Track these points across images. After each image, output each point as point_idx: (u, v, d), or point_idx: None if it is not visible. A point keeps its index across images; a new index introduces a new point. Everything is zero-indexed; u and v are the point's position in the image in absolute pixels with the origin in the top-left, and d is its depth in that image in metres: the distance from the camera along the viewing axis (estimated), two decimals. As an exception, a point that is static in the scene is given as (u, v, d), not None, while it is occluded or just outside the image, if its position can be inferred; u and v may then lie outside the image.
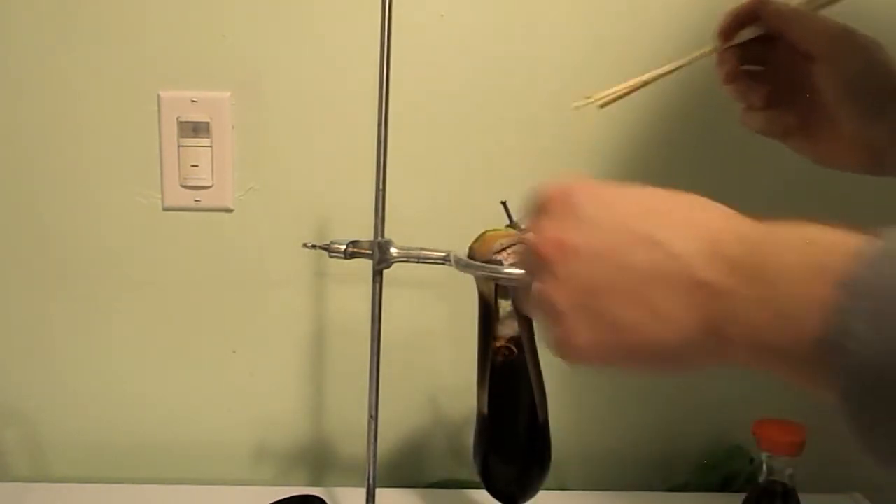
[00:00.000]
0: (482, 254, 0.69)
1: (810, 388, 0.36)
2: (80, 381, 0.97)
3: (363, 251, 0.75)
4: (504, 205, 0.71)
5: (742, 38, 0.67)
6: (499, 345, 0.70)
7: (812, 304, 0.33)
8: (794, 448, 0.72)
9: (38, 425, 0.99)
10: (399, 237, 0.75)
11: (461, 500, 0.94)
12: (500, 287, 0.70)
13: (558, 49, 0.91)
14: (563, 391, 0.97)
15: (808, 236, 0.36)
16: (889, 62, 0.63)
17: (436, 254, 0.73)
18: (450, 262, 0.71)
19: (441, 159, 0.93)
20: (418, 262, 0.75)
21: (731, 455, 0.97)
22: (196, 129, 0.91)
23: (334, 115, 0.91)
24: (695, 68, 0.92)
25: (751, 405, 0.84)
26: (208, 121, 0.91)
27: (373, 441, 0.79)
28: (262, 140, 0.92)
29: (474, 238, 0.71)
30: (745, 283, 0.37)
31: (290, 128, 0.92)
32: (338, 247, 0.75)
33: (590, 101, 0.67)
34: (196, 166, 0.92)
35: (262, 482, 0.98)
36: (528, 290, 0.46)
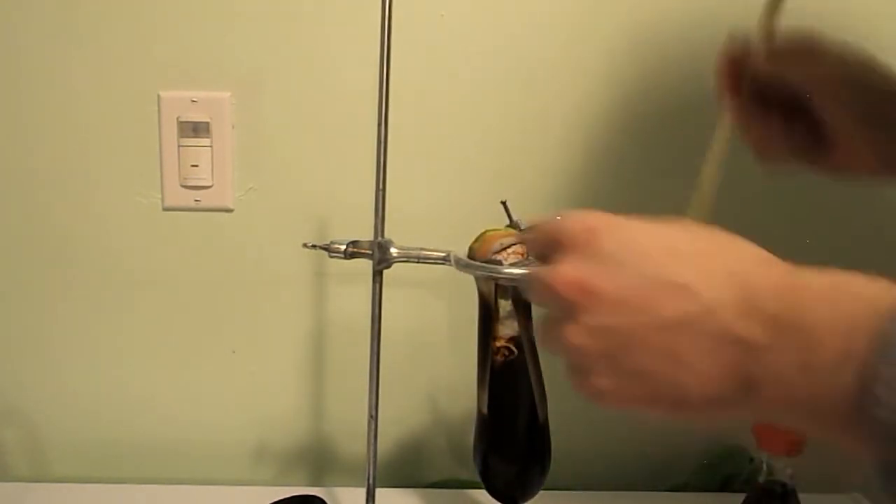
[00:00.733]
0: (482, 254, 0.69)
1: (845, 447, 0.35)
2: (80, 381, 0.97)
3: (363, 251, 0.75)
4: (504, 205, 0.71)
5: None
6: (499, 345, 0.70)
7: (846, 362, 0.33)
8: (794, 448, 0.72)
9: (38, 425, 0.99)
10: (399, 237, 0.75)
11: (461, 500, 0.94)
12: (500, 287, 0.70)
13: (559, 49, 0.91)
14: (563, 391, 0.97)
15: (842, 288, 0.35)
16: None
17: (436, 254, 0.73)
18: (450, 262, 0.71)
19: (441, 159, 0.93)
20: (418, 262, 0.75)
21: (731, 455, 0.97)
22: (196, 129, 0.91)
23: (334, 115, 0.91)
24: (696, 70, 0.92)
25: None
26: (208, 121, 0.91)
27: (373, 441, 0.79)
28: (262, 140, 0.92)
29: (474, 238, 0.71)
30: (780, 338, 0.36)
31: (290, 128, 0.92)
32: (338, 247, 0.75)
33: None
34: (196, 166, 0.92)
35: (262, 482, 0.98)
36: (549, 326, 0.44)
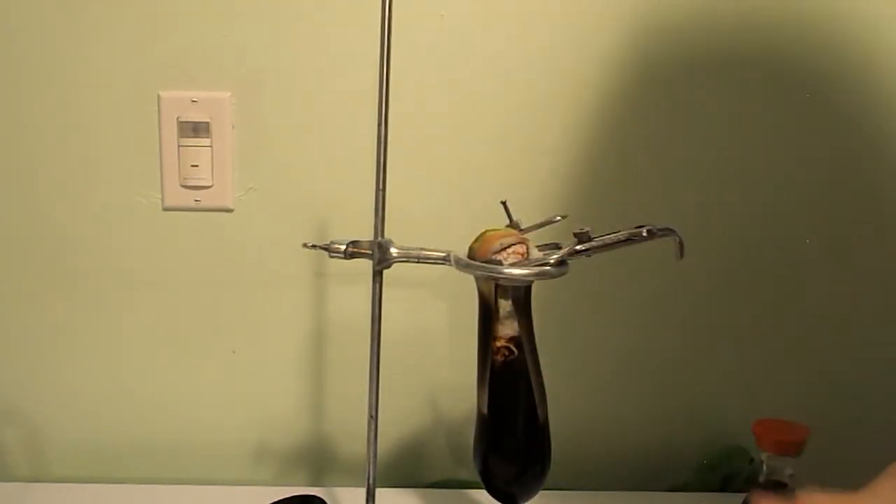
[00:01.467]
0: (482, 254, 0.69)
1: None
2: (80, 381, 0.97)
3: (363, 251, 0.75)
4: (504, 205, 0.71)
5: None
6: (499, 345, 0.70)
7: None
8: (794, 448, 0.72)
9: (38, 425, 0.99)
10: (399, 237, 0.75)
11: (461, 500, 0.94)
12: (500, 287, 0.70)
13: (559, 49, 0.91)
14: (563, 391, 0.97)
15: None
16: None
17: (436, 254, 0.73)
18: (450, 262, 0.71)
19: (441, 159, 0.93)
20: (418, 262, 0.75)
21: (731, 455, 0.97)
22: (196, 129, 0.91)
23: (334, 114, 0.91)
24: (696, 70, 0.92)
25: (751, 405, 0.84)
26: (208, 121, 0.91)
27: (373, 441, 0.79)
28: (262, 140, 0.92)
29: (474, 238, 0.71)
30: None
31: (290, 128, 0.92)
32: (338, 247, 0.75)
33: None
34: (196, 166, 0.92)
35: (262, 482, 0.98)
36: None
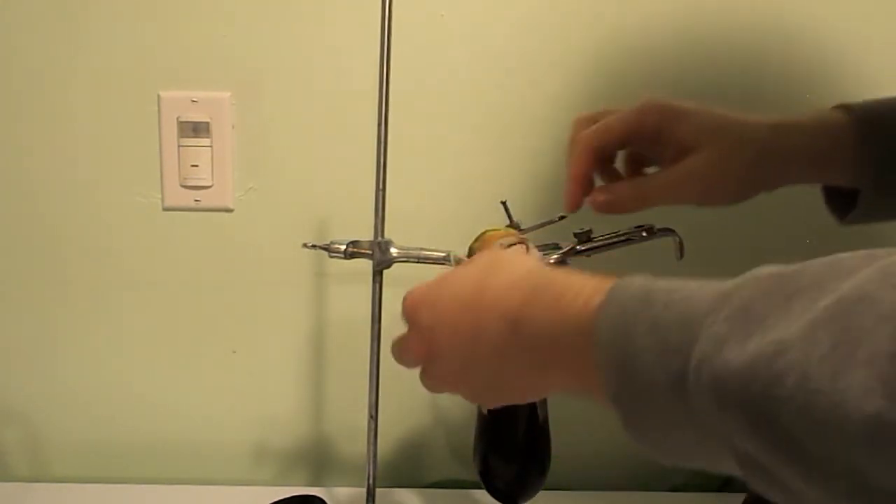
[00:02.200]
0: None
1: (589, 390, 0.47)
2: (80, 381, 0.97)
3: (363, 251, 0.75)
4: (504, 205, 0.71)
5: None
6: None
7: (587, 308, 0.45)
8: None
9: (38, 425, 0.99)
10: (399, 237, 0.75)
11: (461, 500, 0.94)
12: (500, 287, 0.70)
13: (559, 49, 0.91)
14: (562, 393, 0.97)
15: (582, 279, 0.47)
16: (781, 147, 0.65)
17: (436, 254, 0.73)
18: (450, 262, 0.71)
19: (441, 159, 0.93)
20: (418, 262, 0.74)
21: (731, 455, 0.97)
22: (196, 129, 0.91)
23: (334, 114, 0.91)
24: (697, 71, 0.92)
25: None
26: (208, 121, 0.91)
27: (373, 441, 0.79)
28: (262, 140, 0.92)
29: (474, 238, 0.71)
30: (534, 295, 0.50)
31: (290, 128, 0.92)
32: (338, 247, 0.75)
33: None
34: (196, 166, 0.92)
35: (262, 482, 0.98)
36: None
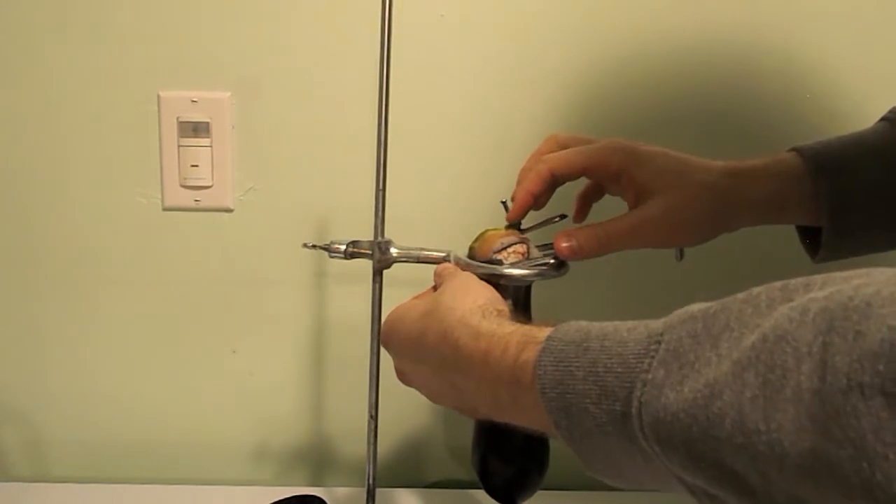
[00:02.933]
0: (482, 254, 0.69)
1: (536, 423, 0.48)
2: (80, 381, 0.97)
3: (363, 251, 0.75)
4: (504, 204, 0.71)
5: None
6: None
7: (519, 361, 0.48)
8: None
9: (38, 425, 0.99)
10: (399, 237, 0.75)
11: (461, 500, 0.94)
12: (501, 287, 0.70)
13: (558, 49, 0.91)
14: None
15: (508, 330, 0.51)
16: (738, 194, 0.66)
17: (436, 254, 0.73)
18: (450, 261, 0.71)
19: (441, 159, 0.93)
20: (418, 262, 0.74)
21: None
22: (196, 129, 0.91)
23: (334, 115, 0.92)
24: (699, 73, 0.93)
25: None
26: (208, 121, 0.91)
27: (373, 441, 0.79)
28: (262, 140, 0.92)
29: (474, 238, 0.71)
30: (465, 354, 0.53)
31: (290, 128, 0.92)
32: (338, 247, 0.75)
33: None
34: (196, 166, 0.92)
35: (262, 482, 0.98)
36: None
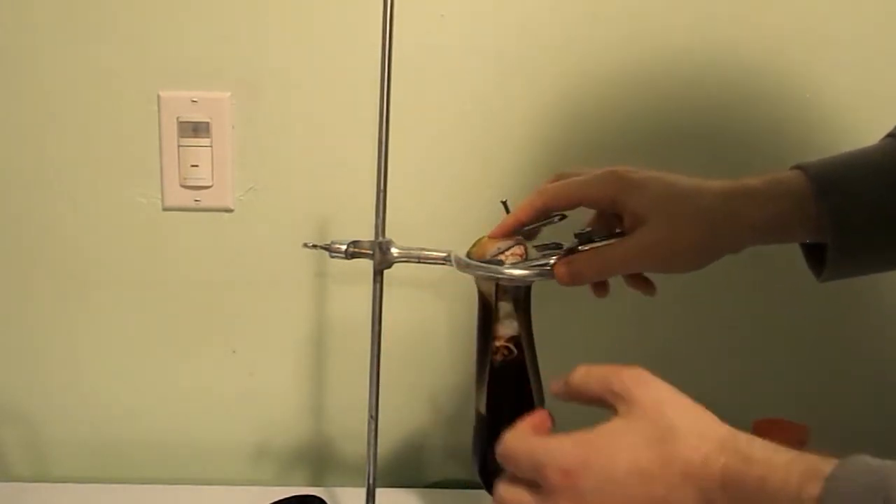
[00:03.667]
0: (479, 258, 0.69)
1: None
2: (80, 381, 0.97)
3: (364, 251, 0.75)
4: (504, 204, 0.71)
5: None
6: (498, 344, 0.70)
7: (801, 496, 0.41)
8: (794, 448, 0.72)
9: (38, 425, 0.99)
10: (399, 237, 0.75)
11: (461, 500, 0.94)
12: (501, 287, 0.70)
13: (559, 49, 0.91)
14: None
15: (786, 458, 0.44)
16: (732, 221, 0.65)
17: (436, 254, 0.73)
18: (450, 262, 0.71)
19: (442, 159, 0.93)
20: (419, 263, 0.74)
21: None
22: (196, 129, 0.91)
23: (334, 115, 0.91)
24: (702, 71, 0.93)
25: (751, 405, 0.84)
26: (208, 121, 0.91)
27: (373, 441, 0.79)
28: (262, 140, 0.92)
29: (472, 244, 0.71)
30: (739, 471, 0.46)
31: (290, 128, 0.92)
32: (338, 247, 0.75)
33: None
34: (196, 166, 0.92)
35: (262, 482, 0.98)
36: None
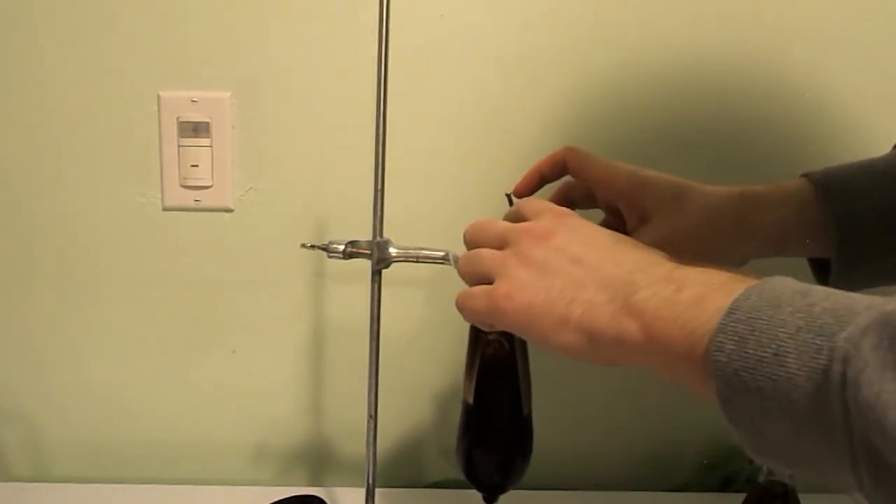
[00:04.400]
0: None
1: (685, 379, 0.45)
2: (80, 381, 0.97)
3: (362, 251, 0.75)
4: (508, 197, 0.71)
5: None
6: (491, 337, 0.70)
7: (708, 317, 0.43)
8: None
9: (38, 425, 0.99)
10: (398, 237, 0.75)
11: (460, 500, 0.94)
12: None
13: (558, 49, 0.91)
14: (561, 391, 0.97)
15: (717, 273, 0.46)
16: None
17: (435, 253, 0.73)
18: (449, 261, 0.71)
19: (440, 159, 0.93)
20: (417, 262, 0.74)
21: (731, 455, 0.97)
22: (196, 129, 0.91)
23: (334, 115, 0.91)
24: (702, 71, 0.93)
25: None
26: (208, 121, 0.91)
27: (372, 441, 0.79)
28: (262, 140, 0.92)
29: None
30: (654, 284, 0.47)
31: (290, 128, 0.92)
32: (336, 247, 0.75)
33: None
34: (196, 166, 0.92)
35: (262, 482, 0.98)
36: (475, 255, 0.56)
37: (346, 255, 0.75)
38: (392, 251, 0.75)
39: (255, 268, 0.95)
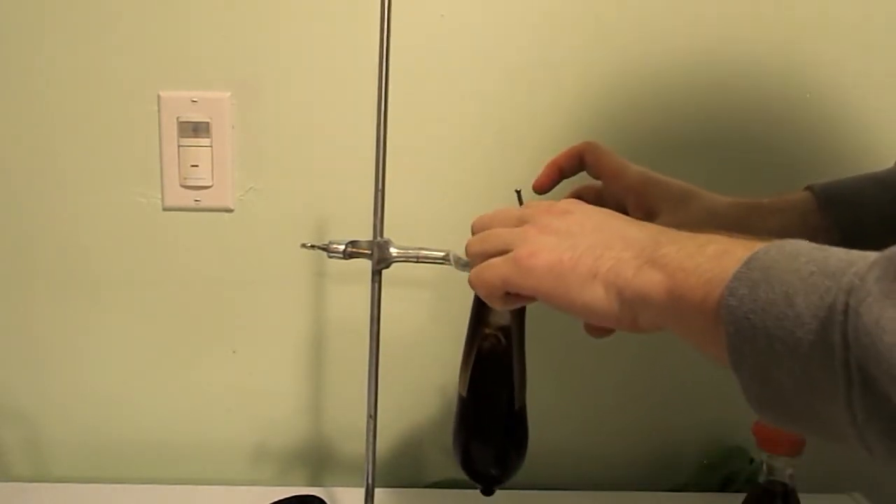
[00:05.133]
0: None
1: (707, 342, 0.45)
2: (80, 381, 0.97)
3: (362, 251, 0.75)
4: (518, 193, 0.71)
5: None
6: (488, 332, 0.70)
7: (726, 268, 0.43)
8: (794, 448, 0.72)
9: (38, 425, 0.99)
10: (398, 237, 0.75)
11: (460, 500, 0.94)
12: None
13: (559, 50, 0.91)
14: (562, 391, 0.97)
15: (741, 237, 0.46)
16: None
17: (435, 253, 0.73)
18: (449, 261, 0.71)
19: (440, 159, 0.93)
20: (417, 262, 0.74)
21: (731, 455, 0.97)
22: (196, 129, 0.91)
23: (334, 115, 0.91)
24: (702, 70, 0.92)
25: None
26: (208, 121, 0.91)
27: (372, 441, 0.79)
28: (262, 140, 0.92)
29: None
30: (677, 242, 0.48)
31: (290, 128, 0.92)
32: (336, 247, 0.75)
33: None
34: (196, 166, 0.92)
35: (262, 482, 0.98)
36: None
37: (347, 255, 0.75)
38: (392, 251, 0.75)
39: (256, 268, 0.95)
